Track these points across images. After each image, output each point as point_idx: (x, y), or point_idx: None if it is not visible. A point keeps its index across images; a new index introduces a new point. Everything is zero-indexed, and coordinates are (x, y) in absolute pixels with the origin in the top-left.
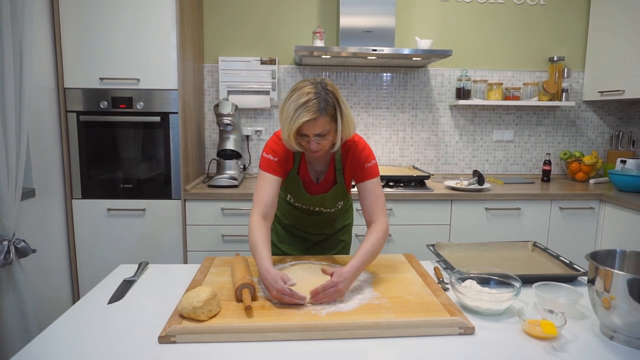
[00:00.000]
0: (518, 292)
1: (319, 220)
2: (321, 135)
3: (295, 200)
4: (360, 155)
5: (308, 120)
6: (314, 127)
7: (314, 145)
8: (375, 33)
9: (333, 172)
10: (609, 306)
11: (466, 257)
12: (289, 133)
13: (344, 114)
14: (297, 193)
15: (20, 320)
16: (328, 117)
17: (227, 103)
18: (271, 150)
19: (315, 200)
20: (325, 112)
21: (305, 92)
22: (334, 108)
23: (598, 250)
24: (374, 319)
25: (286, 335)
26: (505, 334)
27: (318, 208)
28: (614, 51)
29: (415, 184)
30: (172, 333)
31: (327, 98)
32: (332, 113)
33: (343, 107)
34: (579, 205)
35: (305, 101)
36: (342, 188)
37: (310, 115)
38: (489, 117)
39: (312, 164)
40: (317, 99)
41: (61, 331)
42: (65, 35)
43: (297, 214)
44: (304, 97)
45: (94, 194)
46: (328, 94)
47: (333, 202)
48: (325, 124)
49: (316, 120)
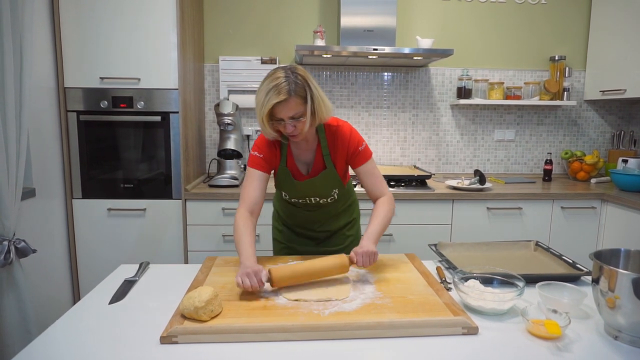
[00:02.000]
0: (521, 292)
1: (320, 215)
2: (295, 118)
3: (290, 196)
4: (350, 141)
5: (278, 102)
6: (286, 108)
7: (290, 129)
8: (376, 32)
9: (321, 159)
10: (613, 306)
11: (468, 256)
12: (262, 117)
13: (315, 95)
14: (289, 186)
15: (21, 320)
16: (299, 98)
17: (228, 103)
18: (257, 147)
19: (306, 187)
20: (295, 94)
21: (275, 77)
22: (304, 89)
23: (602, 249)
24: (377, 319)
25: (288, 335)
26: (509, 333)
27: (313, 199)
28: (616, 50)
29: (416, 183)
30: (174, 333)
31: (296, 80)
32: (303, 94)
33: (313, 89)
34: (580, 205)
35: (275, 85)
36: (332, 173)
37: (281, 97)
38: (490, 116)
39: (298, 155)
40: (286, 82)
41: (62, 332)
42: (65, 35)
43: (298, 212)
44: (274, 81)
45: (94, 194)
46: (297, 76)
47: (326, 189)
48: (297, 105)
49: (287, 101)
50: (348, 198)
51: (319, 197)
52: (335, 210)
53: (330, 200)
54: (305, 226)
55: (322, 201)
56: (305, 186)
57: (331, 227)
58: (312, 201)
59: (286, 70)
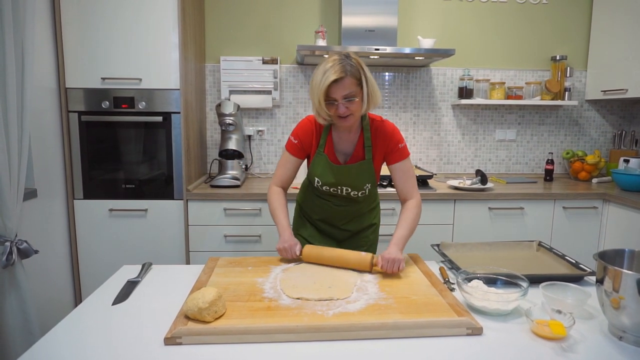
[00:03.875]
0: (525, 292)
1: (346, 212)
2: (349, 99)
3: (322, 182)
4: (392, 137)
5: (335, 80)
6: (341, 87)
7: (343, 109)
8: (378, 32)
9: (361, 150)
10: (617, 306)
11: (471, 257)
12: (318, 98)
13: (369, 79)
14: (324, 171)
15: (23, 321)
16: (354, 79)
17: (229, 103)
18: (295, 133)
19: (342, 173)
20: (351, 74)
21: (331, 59)
22: (359, 72)
23: (606, 249)
24: (381, 319)
25: (293, 336)
26: (513, 334)
27: (345, 189)
28: (617, 50)
29: (418, 183)
30: (178, 334)
31: (351, 62)
32: (358, 76)
33: (367, 74)
34: (582, 205)
35: (331, 65)
36: (369, 165)
37: (337, 75)
38: (491, 116)
39: (338, 143)
40: (341, 63)
41: (65, 333)
42: (66, 35)
43: (325, 205)
44: (330, 62)
45: (95, 195)
46: (351, 59)
47: (360, 181)
48: (352, 85)
49: (343, 80)
50: (373, 200)
51: (351, 188)
52: (361, 210)
53: (361, 195)
54: (329, 221)
55: (352, 194)
56: (341, 172)
57: (354, 227)
58: (344, 192)
59: (341, 55)
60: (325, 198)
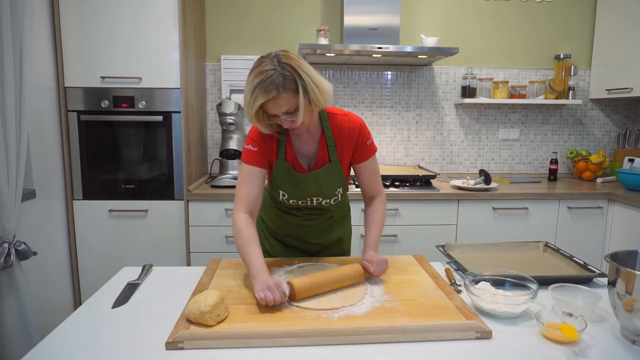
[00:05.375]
0: (535, 295)
1: (317, 224)
2: (290, 113)
3: (289, 195)
4: (360, 132)
5: (266, 100)
6: (277, 105)
7: (287, 124)
8: (380, 31)
9: (325, 151)
10: (631, 309)
11: (477, 258)
12: (250, 116)
13: (308, 84)
14: (289, 183)
15: (22, 324)
16: (289, 92)
17: (230, 102)
18: (251, 139)
19: (310, 182)
20: (284, 88)
21: (260, 70)
22: (294, 81)
23: (618, 251)
24: (388, 323)
25: (297, 340)
26: (523, 337)
27: (316, 199)
28: (621, 48)
29: (420, 183)
30: (180, 339)
31: (284, 72)
32: (294, 87)
33: (305, 77)
34: (587, 205)
35: (261, 80)
36: (337, 167)
37: (269, 95)
38: (494, 115)
39: (299, 147)
40: (274, 75)
41: (64, 336)
42: (65, 34)
43: (292, 221)
44: (259, 75)
45: (95, 195)
46: (285, 67)
47: (330, 187)
48: (289, 99)
49: (276, 98)
50: (344, 207)
51: (321, 197)
52: (332, 219)
53: (333, 202)
54: (299, 237)
55: (324, 202)
56: (308, 180)
57: (326, 239)
58: (314, 202)
59: (272, 61)
60: (292, 213)
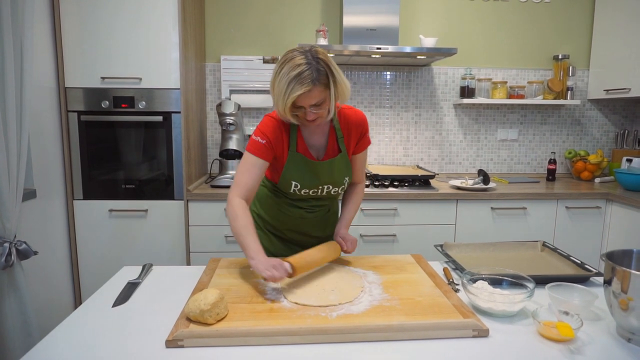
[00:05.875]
0: (531, 293)
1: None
2: (317, 105)
3: (302, 185)
4: (363, 124)
5: (302, 93)
6: (309, 98)
7: (311, 116)
8: (379, 31)
9: (334, 142)
10: (626, 307)
11: (475, 257)
12: (284, 107)
13: (337, 80)
14: (303, 172)
15: (22, 323)
16: (322, 86)
17: (230, 102)
18: (261, 132)
19: (325, 170)
20: (319, 82)
21: (296, 63)
22: (327, 76)
23: (614, 250)
24: (386, 321)
25: (296, 338)
26: (520, 336)
27: (327, 187)
28: (620, 49)
29: (419, 183)
30: (180, 337)
31: (318, 67)
32: (326, 82)
33: (336, 74)
34: (585, 205)
35: (298, 73)
36: (346, 157)
37: (304, 88)
38: (493, 115)
39: (309, 138)
40: (309, 70)
41: (64, 335)
42: (66, 34)
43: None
44: (296, 69)
45: (95, 195)
46: (319, 62)
47: (341, 175)
48: (320, 93)
49: (310, 91)
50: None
51: (332, 185)
52: (330, 212)
53: (340, 191)
54: (301, 230)
55: (333, 191)
56: (324, 168)
57: (325, 232)
58: (324, 192)
59: (307, 55)
60: (298, 205)
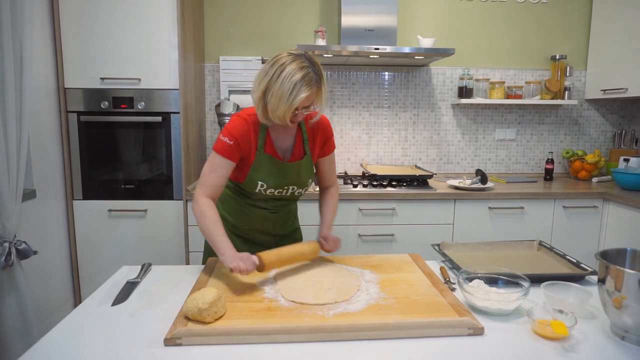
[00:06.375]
0: (527, 292)
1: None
2: (308, 107)
3: (268, 185)
4: (328, 128)
5: (308, 95)
6: (308, 99)
7: (301, 117)
8: (377, 32)
9: (301, 144)
10: (620, 306)
11: (472, 256)
12: (286, 110)
13: (325, 83)
14: (271, 172)
15: (22, 322)
16: (317, 89)
17: (229, 103)
18: (228, 133)
19: (292, 171)
20: (318, 84)
21: (299, 66)
22: (320, 79)
23: (608, 249)
24: (383, 320)
25: (293, 337)
26: (515, 334)
27: (291, 188)
28: (617, 49)
29: (417, 183)
30: (178, 335)
31: (315, 70)
32: (320, 85)
33: (324, 78)
34: (582, 204)
35: (303, 76)
36: (310, 160)
37: (309, 90)
38: (491, 115)
39: (277, 140)
40: (312, 72)
41: (64, 334)
42: (65, 35)
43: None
44: (300, 72)
45: (94, 195)
46: (315, 66)
47: (306, 176)
48: (317, 95)
49: (313, 93)
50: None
51: (297, 186)
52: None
53: (303, 192)
54: (263, 229)
55: (297, 192)
56: (291, 170)
57: (286, 229)
58: (289, 192)
59: (305, 59)
60: (261, 206)
